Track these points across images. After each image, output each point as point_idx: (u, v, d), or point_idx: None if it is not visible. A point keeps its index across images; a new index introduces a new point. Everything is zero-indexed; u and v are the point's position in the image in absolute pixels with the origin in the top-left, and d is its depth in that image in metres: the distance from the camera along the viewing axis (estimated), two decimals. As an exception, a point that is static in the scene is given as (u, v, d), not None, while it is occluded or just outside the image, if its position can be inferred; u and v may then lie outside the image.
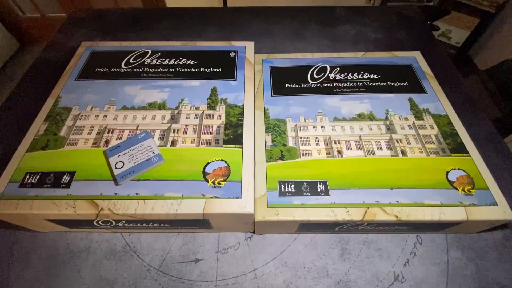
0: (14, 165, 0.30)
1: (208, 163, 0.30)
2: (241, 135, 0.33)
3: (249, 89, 0.37)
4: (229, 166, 0.30)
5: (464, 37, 1.33)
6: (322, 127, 0.35)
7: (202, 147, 0.32)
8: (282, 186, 0.30)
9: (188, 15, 0.62)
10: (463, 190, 0.29)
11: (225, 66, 0.40)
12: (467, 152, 0.32)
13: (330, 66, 0.41)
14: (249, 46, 0.43)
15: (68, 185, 0.29)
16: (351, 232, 0.33)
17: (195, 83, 0.38)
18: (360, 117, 0.35)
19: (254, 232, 0.33)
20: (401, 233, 0.33)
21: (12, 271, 0.31)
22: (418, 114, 0.36)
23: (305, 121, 0.35)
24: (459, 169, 0.31)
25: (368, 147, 0.33)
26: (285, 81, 0.39)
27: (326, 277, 0.30)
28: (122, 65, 0.40)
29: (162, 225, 0.31)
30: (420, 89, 0.38)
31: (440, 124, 0.35)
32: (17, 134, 0.41)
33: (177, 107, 0.35)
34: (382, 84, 0.39)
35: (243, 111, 0.35)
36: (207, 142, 0.32)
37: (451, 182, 0.30)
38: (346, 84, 0.39)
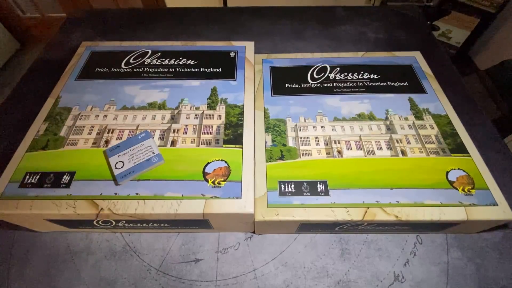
0: (14, 165, 0.30)
1: (208, 163, 0.30)
2: (241, 135, 0.33)
3: (249, 89, 0.37)
4: (229, 166, 0.30)
5: (464, 37, 1.33)
6: (322, 127, 0.35)
7: (202, 147, 0.32)
8: (282, 186, 0.30)
9: (188, 15, 0.62)
10: (463, 190, 0.29)
11: (225, 66, 0.40)
12: (467, 152, 0.32)
13: (330, 66, 0.41)
14: (249, 46, 0.43)
15: (68, 185, 0.29)
16: (351, 232, 0.33)
17: (195, 83, 0.38)
18: (360, 117, 0.35)
19: (254, 232, 0.33)
20: (401, 233, 0.33)
21: (12, 271, 0.31)
22: (418, 114, 0.36)
23: (305, 121, 0.35)
24: (459, 169, 0.31)
25: (368, 147, 0.33)
26: (285, 81, 0.39)
27: (326, 277, 0.30)
28: (122, 65, 0.40)
29: (162, 225, 0.31)
30: (420, 89, 0.38)
31: (440, 124, 0.35)
32: (17, 134, 0.41)
33: (177, 107, 0.35)
34: (382, 84, 0.39)
35: (243, 111, 0.35)
36: (207, 142, 0.32)
37: (451, 182, 0.30)
38: (346, 84, 0.39)
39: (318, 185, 0.30)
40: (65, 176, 0.29)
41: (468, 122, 0.42)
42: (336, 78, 0.40)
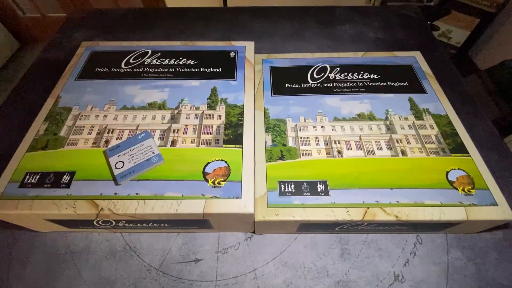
0: (14, 165, 0.30)
1: (208, 163, 0.30)
2: (241, 135, 0.33)
3: (249, 89, 0.37)
4: (229, 166, 0.30)
5: (464, 37, 1.33)
6: (322, 127, 0.35)
7: (202, 147, 0.32)
8: (282, 186, 0.30)
9: (188, 15, 0.62)
10: (463, 190, 0.29)
11: (225, 66, 0.40)
12: (467, 152, 0.32)
13: (330, 66, 0.41)
14: (249, 46, 0.43)
15: (68, 185, 0.29)
16: (351, 232, 0.33)
17: (195, 83, 0.38)
18: (360, 117, 0.35)
19: (254, 232, 0.33)
20: (401, 233, 0.33)
21: (12, 271, 0.31)
22: (418, 114, 0.36)
23: (305, 121, 0.35)
24: (459, 169, 0.31)
25: (368, 147, 0.33)
26: (285, 81, 0.39)
27: (326, 277, 0.30)
28: (122, 65, 0.40)
29: (162, 225, 0.31)
30: (420, 89, 0.38)
31: (440, 124, 0.35)
32: (17, 134, 0.41)
33: (177, 107, 0.35)
34: (382, 84, 0.39)
35: (243, 111, 0.35)
36: (207, 142, 0.32)
37: (451, 182, 0.30)
38: (346, 84, 0.39)
39: (318, 185, 0.30)
40: (65, 176, 0.29)
41: (468, 122, 0.42)
42: (336, 78, 0.40)
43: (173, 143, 0.32)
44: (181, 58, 0.41)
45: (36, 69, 0.51)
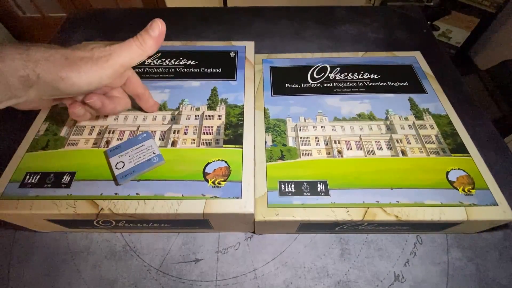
0: (14, 165, 0.30)
1: (208, 163, 0.30)
2: (241, 135, 0.33)
3: (249, 89, 0.37)
4: (229, 166, 0.30)
5: (464, 37, 1.33)
6: (322, 127, 0.35)
7: (202, 148, 0.32)
8: (282, 186, 0.30)
9: (188, 15, 0.62)
10: (463, 190, 0.29)
11: (225, 66, 0.40)
12: (467, 152, 0.32)
13: (330, 66, 0.41)
14: (249, 46, 0.43)
15: (68, 185, 0.29)
16: (351, 232, 0.33)
17: (195, 83, 0.38)
18: (360, 117, 0.35)
19: (254, 232, 0.33)
20: (401, 233, 0.33)
21: (12, 271, 0.31)
22: (418, 114, 0.36)
23: (305, 121, 0.35)
24: (459, 169, 0.31)
25: (368, 147, 0.33)
26: (285, 81, 0.39)
27: (326, 277, 0.30)
28: (122, 65, 0.40)
29: (162, 225, 0.31)
30: (420, 89, 0.38)
31: (440, 124, 0.35)
32: (17, 134, 0.41)
33: (178, 108, 0.35)
34: (382, 84, 0.39)
35: (243, 111, 0.35)
36: (207, 143, 0.32)
37: (451, 182, 0.30)
38: (346, 84, 0.39)
39: (318, 185, 0.30)
40: (65, 176, 0.29)
41: (468, 122, 0.42)
42: (336, 78, 0.40)
43: (174, 143, 0.32)
44: (181, 58, 0.41)
45: (36, 69, 0.51)
